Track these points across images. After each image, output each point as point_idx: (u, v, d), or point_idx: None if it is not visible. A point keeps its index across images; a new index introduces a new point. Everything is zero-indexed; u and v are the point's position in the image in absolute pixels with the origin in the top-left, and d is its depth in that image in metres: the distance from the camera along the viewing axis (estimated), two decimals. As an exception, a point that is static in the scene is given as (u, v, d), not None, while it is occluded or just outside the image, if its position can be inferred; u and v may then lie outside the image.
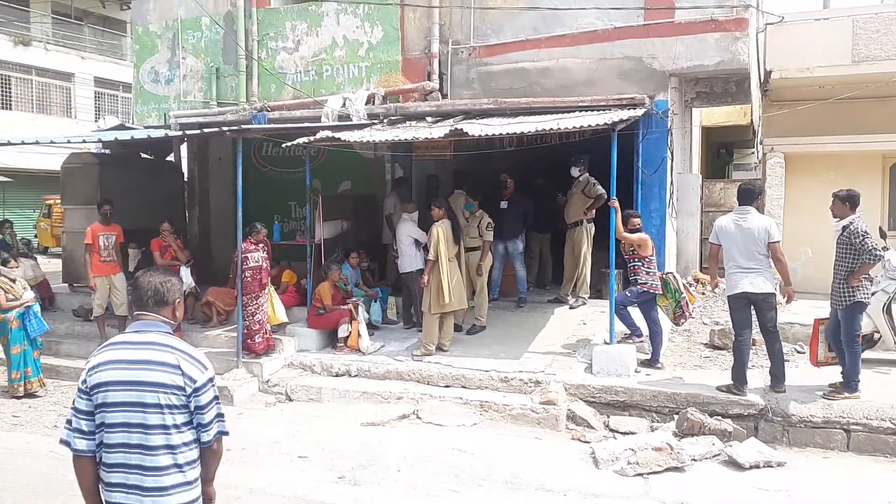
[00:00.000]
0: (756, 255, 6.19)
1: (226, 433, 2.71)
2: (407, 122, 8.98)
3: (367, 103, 9.51)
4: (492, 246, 8.90)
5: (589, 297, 9.36)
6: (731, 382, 6.41)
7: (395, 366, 7.66)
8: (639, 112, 7.81)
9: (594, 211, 9.27)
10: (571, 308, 9.28)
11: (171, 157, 12.79)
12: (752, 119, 13.15)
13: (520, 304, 9.57)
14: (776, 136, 10.73)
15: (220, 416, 2.69)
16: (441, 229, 7.84)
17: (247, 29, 10.58)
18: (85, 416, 2.61)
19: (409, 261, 8.55)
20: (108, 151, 12.01)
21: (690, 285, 9.65)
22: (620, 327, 7.57)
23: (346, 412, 7.00)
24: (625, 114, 7.51)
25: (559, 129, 7.14)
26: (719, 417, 6.21)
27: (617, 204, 7.21)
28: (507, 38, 9.24)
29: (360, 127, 8.89)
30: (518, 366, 7.31)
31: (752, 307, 6.32)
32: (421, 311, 8.21)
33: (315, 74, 10.25)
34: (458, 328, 8.54)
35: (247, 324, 8.07)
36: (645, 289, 7.27)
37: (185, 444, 2.61)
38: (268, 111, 10.06)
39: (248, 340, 8.04)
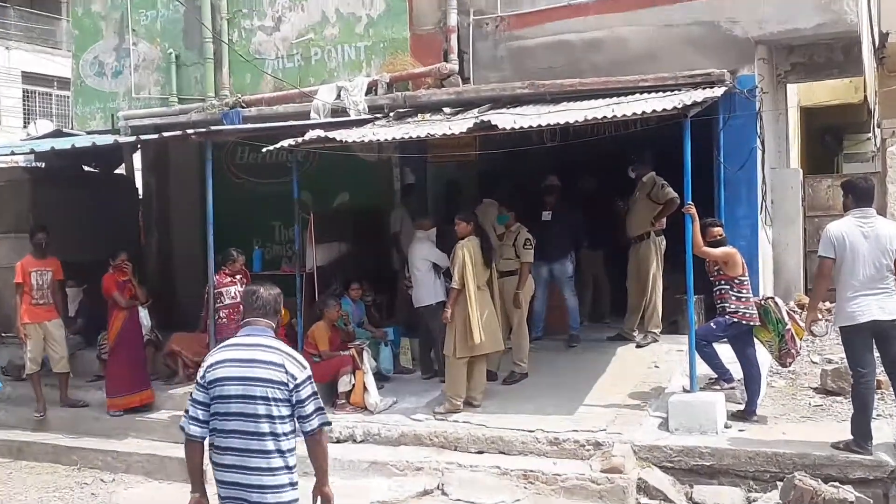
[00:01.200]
0: (885, 271, 6.19)
1: (328, 423, 3.96)
2: (419, 115, 9.09)
3: (367, 93, 9.66)
4: (533, 269, 8.94)
5: (661, 332, 9.36)
6: (851, 438, 6.36)
7: (413, 427, 7.68)
8: (718, 92, 7.83)
9: (664, 220, 9.30)
10: (639, 346, 9.28)
11: (121, 170, 13.04)
12: (865, 95, 13.10)
13: (571, 343, 9.59)
14: (898, 117, 10.70)
15: (319, 409, 3.90)
16: (467, 250, 7.90)
17: (213, 5, 10.81)
18: (202, 407, 3.85)
19: (426, 291, 8.61)
20: (41, 165, 12.28)
21: (794, 312, 9.57)
22: (704, 369, 7.54)
23: (351, 488, 6.99)
24: (699, 95, 7.54)
25: (615, 117, 7.18)
26: (837, 483, 6.13)
27: (693, 210, 7.21)
28: (543, 4, 9.37)
29: (360, 123, 9.01)
30: (571, 423, 7.30)
31: (874, 339, 6.29)
32: (443, 355, 8.24)
33: (301, 59, 10.43)
34: (491, 376, 8.56)
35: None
36: (735, 319, 7.25)
37: (285, 435, 3.83)
38: (243, 107, 10.24)
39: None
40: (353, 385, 8.34)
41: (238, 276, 8.50)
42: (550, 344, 9.67)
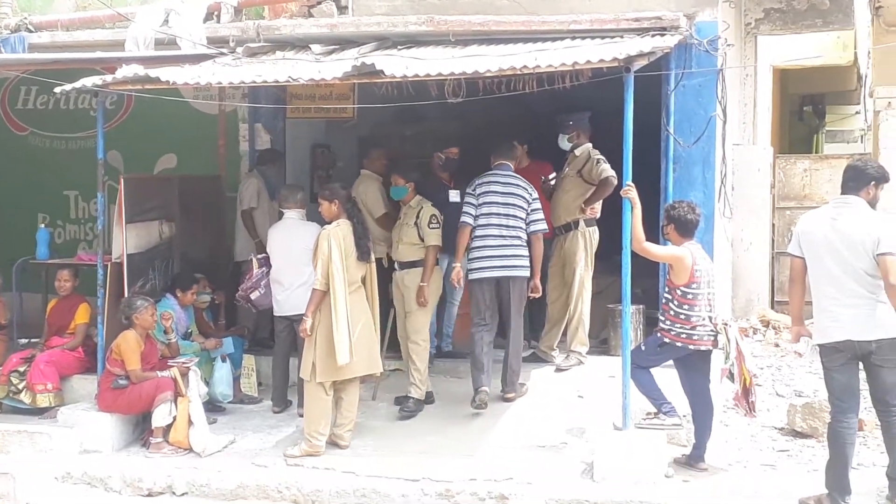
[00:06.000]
0: (864, 275, 6.41)
1: (544, 230, 8.91)
2: (278, 54, 9.04)
3: (207, 20, 9.56)
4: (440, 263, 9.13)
5: (588, 353, 9.53)
6: (825, 492, 6.60)
7: (256, 476, 7.64)
8: (669, 41, 8.02)
9: (599, 206, 9.52)
10: (559, 370, 9.45)
11: None
12: (855, 56, 13.60)
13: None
14: (896, 84, 11.10)
15: (540, 220, 8.83)
16: (334, 238, 7.93)
17: None
18: (472, 207, 8.73)
19: (303, 293, 8.46)
20: None
21: (754, 332, 9.84)
22: (642, 402, 7.73)
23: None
24: (646, 43, 7.71)
25: (538, 67, 7.28)
26: (805, 552, 6.40)
27: (634, 194, 7.37)
28: None
29: (196, 60, 8.88)
30: (469, 470, 7.39)
31: (862, 364, 6.55)
32: (300, 378, 8.26)
33: (115, -32, 10.21)
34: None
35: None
36: (667, 339, 7.44)
37: (522, 229, 8.78)
38: (30, 31, 9.96)
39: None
40: (175, 418, 8.25)
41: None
42: (448, 365, 9.78)
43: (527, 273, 8.76)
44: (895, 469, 6.61)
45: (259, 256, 9.39)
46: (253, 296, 9.18)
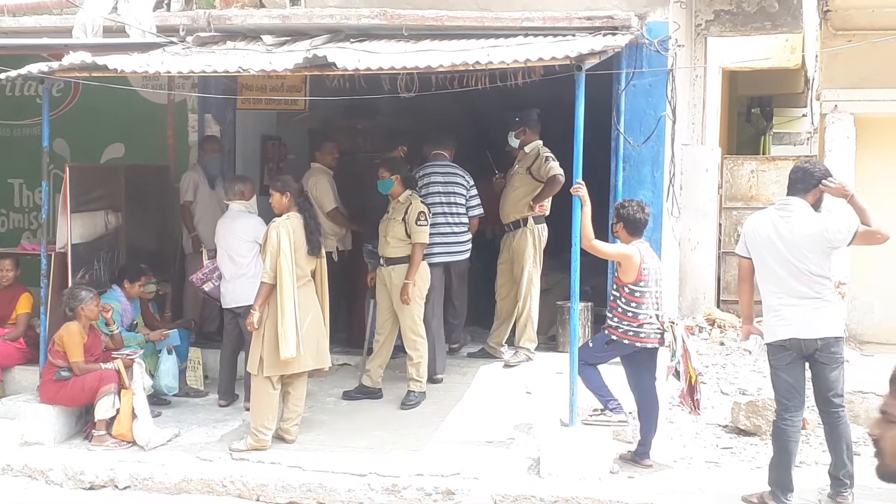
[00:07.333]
0: (808, 275, 6.56)
1: (481, 214, 9.68)
2: (229, 44, 9.00)
3: (157, 8, 9.48)
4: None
5: (536, 349, 9.63)
6: (768, 489, 6.72)
7: (200, 469, 7.61)
8: (621, 41, 8.09)
9: (548, 204, 9.60)
10: (507, 366, 9.52)
11: None
12: (803, 58, 13.78)
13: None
14: (843, 87, 11.26)
15: (478, 204, 9.65)
16: (285, 230, 7.89)
17: None
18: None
19: (248, 286, 8.45)
20: None
21: (700, 330, 9.96)
22: (589, 399, 7.79)
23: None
24: (598, 42, 7.76)
25: (490, 63, 7.32)
26: (748, 548, 6.48)
27: (584, 192, 7.41)
28: None
29: (145, 48, 8.81)
30: (416, 465, 7.40)
31: (808, 364, 6.68)
32: (247, 372, 8.24)
33: (63, -47, 10.10)
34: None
35: None
36: (615, 336, 7.52)
37: (465, 214, 9.59)
38: (-27, 16, 9.82)
39: None
40: (118, 410, 8.18)
41: None
42: (399, 360, 9.66)
43: (467, 256, 9.62)
44: (837, 467, 6.75)
45: (210, 249, 9.37)
46: (206, 287, 9.15)
